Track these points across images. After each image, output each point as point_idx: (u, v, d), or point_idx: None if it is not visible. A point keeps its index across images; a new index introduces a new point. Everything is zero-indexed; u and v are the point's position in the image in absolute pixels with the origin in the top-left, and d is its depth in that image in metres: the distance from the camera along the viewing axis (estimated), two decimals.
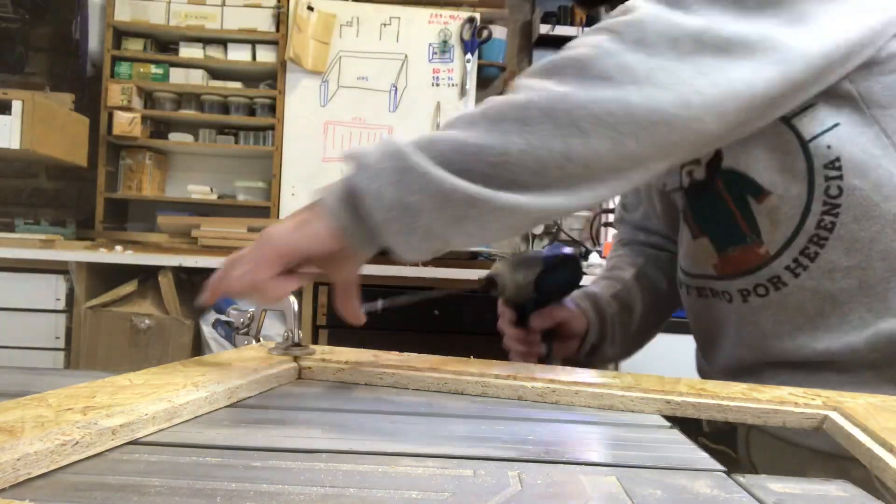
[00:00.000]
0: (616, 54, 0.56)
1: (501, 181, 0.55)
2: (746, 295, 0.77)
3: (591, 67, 0.56)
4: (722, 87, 0.57)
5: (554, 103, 0.55)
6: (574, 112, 0.55)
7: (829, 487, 0.41)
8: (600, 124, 0.55)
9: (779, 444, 0.77)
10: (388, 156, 0.56)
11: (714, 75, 0.56)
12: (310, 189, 2.67)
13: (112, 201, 2.73)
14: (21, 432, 0.39)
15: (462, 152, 0.55)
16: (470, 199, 0.55)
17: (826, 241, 0.70)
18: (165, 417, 0.48)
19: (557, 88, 0.56)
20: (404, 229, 0.55)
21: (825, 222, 0.70)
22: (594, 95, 0.55)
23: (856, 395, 0.62)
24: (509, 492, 0.38)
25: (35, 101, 2.25)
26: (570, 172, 0.56)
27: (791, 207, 0.71)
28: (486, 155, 0.55)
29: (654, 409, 0.60)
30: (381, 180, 0.55)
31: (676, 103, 0.56)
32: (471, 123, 0.56)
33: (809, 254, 0.71)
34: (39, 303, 2.18)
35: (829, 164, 0.68)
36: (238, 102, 2.74)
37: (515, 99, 0.57)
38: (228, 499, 0.35)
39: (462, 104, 2.68)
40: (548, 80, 0.57)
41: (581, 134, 0.55)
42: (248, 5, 2.70)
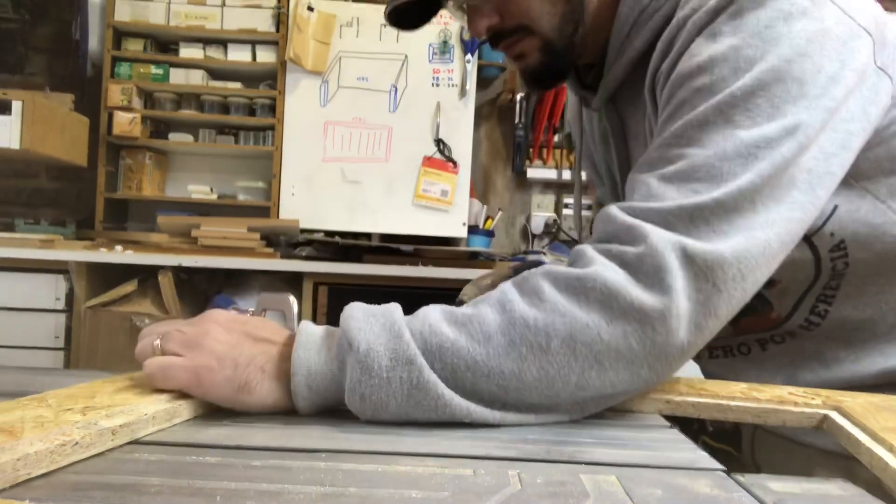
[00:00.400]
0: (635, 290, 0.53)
1: (509, 401, 0.54)
2: (764, 343, 0.79)
3: (616, 299, 0.53)
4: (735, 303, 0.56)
5: (575, 333, 0.53)
6: (595, 346, 0.53)
7: (830, 487, 0.41)
8: (620, 359, 0.53)
9: (784, 443, 0.78)
10: (401, 363, 0.52)
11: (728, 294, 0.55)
12: (310, 189, 2.64)
13: (112, 201, 2.73)
14: (21, 432, 0.39)
15: (474, 371, 0.52)
16: (480, 422, 0.54)
17: (833, 298, 0.72)
18: (165, 417, 0.48)
19: (581, 316, 0.53)
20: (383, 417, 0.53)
21: (831, 285, 0.72)
22: (618, 331, 0.53)
23: (855, 395, 0.62)
24: (509, 491, 0.38)
25: (35, 101, 2.25)
26: (581, 398, 0.55)
27: (799, 284, 0.72)
28: (499, 378, 0.53)
29: (654, 409, 0.60)
30: (389, 390, 0.52)
31: (690, 329, 0.54)
32: (487, 337, 0.53)
33: (819, 312, 0.73)
34: (39, 302, 2.18)
35: (833, 248, 0.69)
36: (238, 103, 2.74)
37: (536, 319, 0.53)
38: (228, 498, 0.35)
39: (462, 104, 2.68)
40: (572, 302, 0.54)
41: (599, 367, 0.53)
42: (248, 6, 2.70)
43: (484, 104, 2.97)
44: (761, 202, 0.56)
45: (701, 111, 0.60)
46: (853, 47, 0.61)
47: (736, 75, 0.59)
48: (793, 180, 0.58)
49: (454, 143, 2.68)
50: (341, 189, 2.67)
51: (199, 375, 0.52)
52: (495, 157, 3.02)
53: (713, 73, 0.60)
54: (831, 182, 0.60)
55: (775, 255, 0.57)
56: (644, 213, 0.57)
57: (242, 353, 0.54)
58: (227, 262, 2.24)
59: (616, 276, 0.54)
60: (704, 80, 0.61)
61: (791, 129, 0.57)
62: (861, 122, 0.62)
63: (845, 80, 0.60)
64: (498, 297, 0.56)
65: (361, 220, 2.67)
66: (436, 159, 2.67)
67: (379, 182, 2.68)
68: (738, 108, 0.58)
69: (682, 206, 0.56)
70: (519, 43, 0.75)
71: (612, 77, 0.77)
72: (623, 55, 0.74)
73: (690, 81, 0.62)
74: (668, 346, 0.53)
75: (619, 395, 0.56)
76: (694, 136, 0.59)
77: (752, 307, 0.75)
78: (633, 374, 0.54)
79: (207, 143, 2.75)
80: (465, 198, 2.68)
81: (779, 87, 0.58)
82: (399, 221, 2.67)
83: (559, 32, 0.74)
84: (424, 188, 2.67)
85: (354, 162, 2.68)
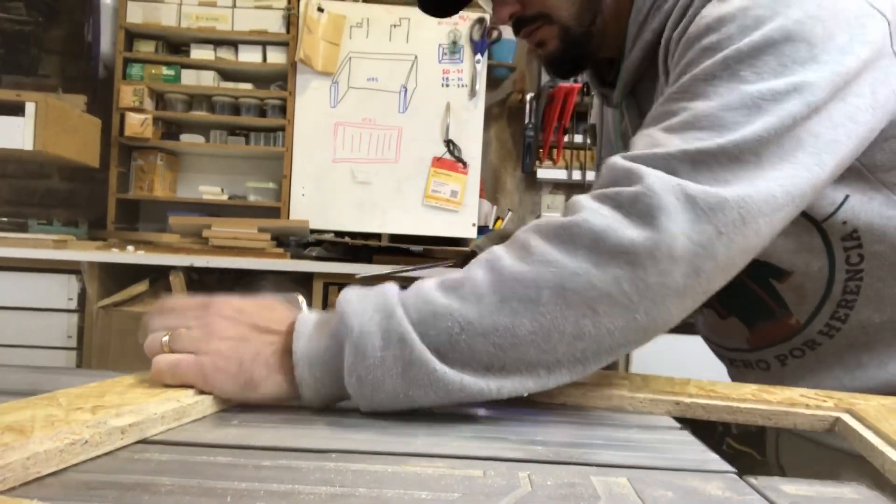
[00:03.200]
0: (623, 230, 0.52)
1: (507, 362, 0.53)
2: (784, 359, 0.78)
3: (603, 242, 0.52)
4: (735, 248, 0.54)
5: (565, 282, 0.52)
6: (586, 293, 0.52)
7: (843, 490, 0.40)
8: (614, 304, 0.52)
9: (809, 445, 0.77)
10: (393, 342, 0.52)
11: (728, 238, 0.54)
12: (320, 189, 2.65)
13: (124, 202, 2.75)
14: (31, 431, 0.39)
15: (469, 332, 0.52)
16: (476, 394, 0.53)
17: (854, 302, 0.71)
18: (175, 417, 0.48)
19: (569, 263, 0.52)
20: (389, 406, 0.53)
21: (850, 287, 0.71)
22: (608, 275, 0.52)
23: (868, 397, 0.61)
24: (519, 493, 0.37)
25: (48, 102, 2.27)
26: (580, 351, 0.53)
27: (815, 281, 0.71)
28: (494, 336, 0.52)
29: (664, 411, 0.60)
30: (384, 369, 0.52)
31: (688, 272, 0.53)
32: (478, 297, 0.53)
33: (840, 317, 0.72)
34: (52, 302, 2.20)
35: (846, 237, 0.69)
36: (249, 103, 2.75)
37: (525, 273, 0.53)
38: (239, 498, 0.35)
39: (472, 105, 2.67)
40: (559, 251, 0.53)
41: (593, 314, 0.52)
42: (259, 7, 2.71)
43: (494, 104, 2.96)
44: (766, 158, 0.55)
45: (707, 65, 0.59)
46: (865, 24, 0.60)
47: (743, 33, 0.59)
48: (800, 142, 0.56)
49: (464, 144, 2.68)
50: (351, 189, 2.67)
51: (206, 373, 0.53)
52: (505, 157, 3.01)
53: (720, 31, 0.60)
54: (836, 150, 0.58)
55: (780, 206, 0.55)
56: (645, 158, 0.56)
57: (248, 350, 0.55)
58: (238, 263, 2.24)
59: (604, 219, 0.53)
60: (711, 38, 0.61)
61: (799, 88, 0.56)
62: (869, 99, 0.60)
63: (856, 53, 0.59)
64: (487, 258, 0.55)
65: (371, 220, 2.67)
66: (445, 160, 2.68)
67: (389, 182, 2.68)
68: (745, 63, 0.58)
69: (685, 151, 0.55)
70: (539, 30, 0.77)
71: (629, 63, 0.77)
72: (640, 39, 0.75)
73: (698, 42, 0.62)
74: (663, 287, 0.52)
75: (619, 346, 0.54)
76: (698, 91, 0.59)
77: (770, 312, 0.75)
78: (629, 321, 0.53)
79: (218, 144, 2.76)
80: (474, 198, 2.68)
81: (788, 47, 0.58)
82: (409, 222, 2.67)
83: (577, 21, 0.76)
84: (434, 189, 2.67)
85: (364, 162, 2.68)
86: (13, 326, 2.17)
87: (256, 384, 0.54)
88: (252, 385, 0.54)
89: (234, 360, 0.54)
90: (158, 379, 0.54)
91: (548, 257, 0.53)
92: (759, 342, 0.78)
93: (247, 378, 0.54)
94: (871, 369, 0.72)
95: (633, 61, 0.77)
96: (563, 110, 2.81)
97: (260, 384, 0.54)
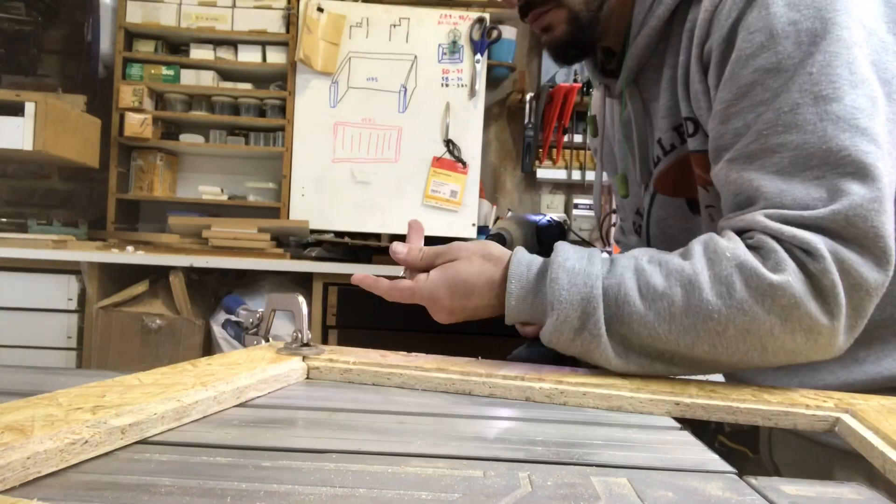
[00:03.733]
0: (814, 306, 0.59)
1: (674, 361, 0.63)
2: None
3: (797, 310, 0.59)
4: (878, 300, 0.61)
5: (752, 328, 0.59)
6: (765, 339, 0.60)
7: (844, 490, 0.40)
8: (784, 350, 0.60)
9: (803, 443, 0.77)
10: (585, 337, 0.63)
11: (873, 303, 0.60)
12: (319, 189, 2.64)
13: (123, 202, 2.75)
14: (31, 431, 0.39)
15: (654, 340, 0.62)
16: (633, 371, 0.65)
17: None
18: (174, 417, 0.48)
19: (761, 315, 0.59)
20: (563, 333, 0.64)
21: None
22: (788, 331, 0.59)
23: (868, 397, 0.61)
24: (520, 493, 0.37)
25: (48, 102, 2.26)
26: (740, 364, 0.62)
27: None
28: (672, 347, 0.62)
29: (664, 411, 0.60)
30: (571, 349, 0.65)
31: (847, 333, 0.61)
32: (672, 317, 0.61)
33: None
34: (52, 303, 2.20)
35: None
36: (248, 104, 2.75)
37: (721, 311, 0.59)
38: (239, 499, 0.35)
39: (471, 105, 2.67)
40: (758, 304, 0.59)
41: (762, 351, 0.60)
42: (259, 7, 2.71)
43: (493, 104, 2.96)
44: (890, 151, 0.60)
45: (786, 97, 0.62)
46: None
47: (802, 50, 0.61)
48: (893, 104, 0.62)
49: (463, 144, 2.68)
50: (351, 190, 2.67)
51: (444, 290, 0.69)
52: (505, 157, 3.01)
53: (776, 50, 0.62)
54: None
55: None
56: (799, 220, 0.60)
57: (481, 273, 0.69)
58: (238, 263, 2.24)
59: (803, 288, 0.59)
60: (770, 58, 0.63)
61: (874, 87, 0.61)
62: None
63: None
64: (689, 277, 0.61)
65: (371, 220, 2.67)
66: (445, 160, 2.67)
67: (388, 183, 2.68)
68: (822, 84, 0.60)
69: (836, 213, 0.59)
70: (547, 14, 0.79)
71: (634, 51, 0.78)
72: (646, 26, 0.76)
73: (754, 60, 0.64)
74: (829, 347, 0.61)
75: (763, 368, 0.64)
76: (789, 122, 0.61)
77: None
78: (791, 360, 0.61)
79: (218, 144, 2.76)
80: (474, 198, 2.68)
81: (847, 54, 0.60)
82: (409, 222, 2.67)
83: (586, 6, 0.78)
84: (434, 189, 2.67)
85: (364, 162, 2.68)
86: (13, 327, 2.17)
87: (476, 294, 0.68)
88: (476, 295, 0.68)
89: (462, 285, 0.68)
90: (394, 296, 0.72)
91: (745, 307, 0.59)
92: None
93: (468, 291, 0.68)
94: (868, 365, 0.72)
95: (638, 49, 0.78)
96: (562, 110, 2.81)
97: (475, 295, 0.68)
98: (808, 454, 0.76)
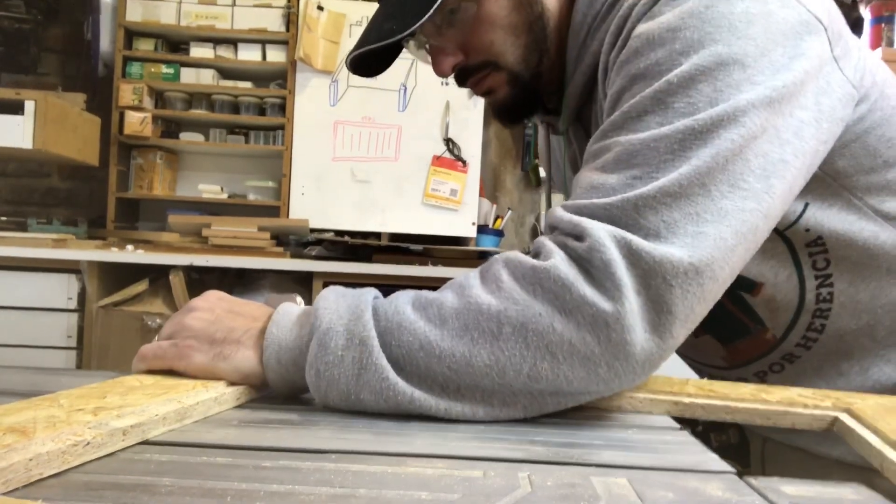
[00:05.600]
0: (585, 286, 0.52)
1: (462, 387, 0.53)
2: (763, 375, 0.77)
3: (569, 293, 0.52)
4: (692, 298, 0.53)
5: (528, 322, 0.52)
6: (547, 337, 0.52)
7: (844, 491, 0.41)
8: (575, 353, 0.52)
9: (798, 454, 0.76)
10: (355, 344, 0.53)
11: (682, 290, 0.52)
12: (319, 188, 2.64)
13: (123, 201, 2.75)
14: (33, 432, 0.39)
15: (427, 352, 0.53)
16: (424, 410, 0.53)
17: (829, 311, 0.70)
18: (176, 418, 0.48)
19: (534, 305, 0.52)
20: (342, 405, 0.55)
21: (823, 295, 0.70)
22: (572, 324, 0.51)
23: (866, 396, 0.61)
24: (519, 493, 0.38)
25: (47, 101, 2.26)
26: (536, 391, 0.53)
27: (786, 292, 0.70)
28: (450, 360, 0.52)
29: (663, 410, 0.60)
30: (342, 368, 0.53)
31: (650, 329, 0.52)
32: (443, 320, 0.53)
33: (816, 327, 0.71)
34: (51, 302, 2.20)
35: (811, 243, 0.68)
36: (248, 102, 2.75)
37: (490, 305, 0.53)
38: (239, 499, 0.35)
39: (471, 103, 2.67)
40: (527, 292, 0.53)
41: (552, 359, 0.52)
42: (259, 5, 2.71)
43: None
44: (715, 187, 0.54)
45: (637, 101, 0.57)
46: (801, 34, 0.58)
47: (673, 60, 0.57)
48: (747, 164, 0.55)
49: (463, 143, 2.68)
50: (351, 188, 2.67)
51: (181, 351, 0.57)
52: (505, 156, 3.01)
53: (648, 56, 0.58)
54: (785, 172, 0.56)
55: (732, 247, 0.54)
56: (588, 209, 0.55)
57: (220, 329, 0.58)
58: (238, 262, 2.24)
59: (570, 270, 0.52)
60: (639, 64, 0.59)
61: (737, 112, 0.54)
62: (813, 112, 0.59)
63: (794, 67, 0.57)
64: (461, 282, 0.56)
65: (371, 219, 2.67)
66: (445, 158, 2.67)
67: (388, 181, 2.68)
68: (677, 96, 0.56)
69: (626, 199, 0.54)
70: (486, 79, 0.73)
71: (573, 88, 0.74)
72: (581, 63, 0.72)
73: (628, 66, 0.60)
74: (626, 344, 0.51)
75: (580, 394, 0.54)
76: (630, 126, 0.57)
77: (745, 328, 0.74)
78: (591, 372, 0.52)
79: (218, 143, 2.76)
80: (474, 197, 2.68)
81: (720, 72, 0.55)
82: (408, 221, 2.67)
83: (525, 64, 0.72)
84: (434, 187, 2.67)
85: (364, 161, 2.68)
86: (13, 326, 2.17)
87: (226, 356, 0.57)
88: (222, 356, 0.57)
89: (206, 336, 0.58)
90: (142, 367, 0.59)
91: (514, 295, 0.53)
92: (736, 359, 0.77)
93: (216, 352, 0.57)
94: (853, 376, 0.71)
95: (577, 87, 0.74)
96: None
97: (230, 357, 0.57)
98: (804, 466, 0.75)
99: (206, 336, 0.58)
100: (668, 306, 0.52)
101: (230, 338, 0.57)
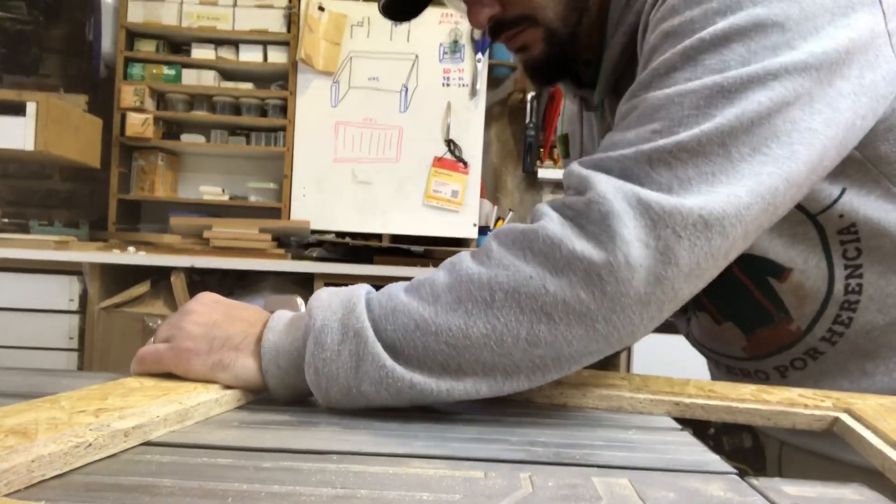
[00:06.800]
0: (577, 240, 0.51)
1: (463, 363, 0.52)
2: (784, 370, 0.74)
3: (559, 250, 0.51)
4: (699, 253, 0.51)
5: (519, 286, 0.51)
6: (541, 298, 0.50)
7: (845, 491, 0.41)
8: (570, 312, 0.50)
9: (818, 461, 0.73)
10: (350, 336, 0.53)
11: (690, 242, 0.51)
12: (320, 189, 2.65)
13: (125, 202, 2.75)
14: (35, 434, 0.39)
15: (423, 330, 0.52)
16: (427, 395, 0.53)
17: (857, 304, 0.68)
18: (177, 419, 0.48)
19: (524, 268, 0.51)
20: (345, 401, 0.54)
21: (852, 286, 0.67)
22: (564, 282, 0.50)
23: (866, 397, 0.61)
24: (520, 494, 0.38)
25: (49, 102, 2.27)
26: (537, 357, 0.52)
27: (815, 279, 0.68)
28: (447, 336, 0.51)
29: (664, 411, 0.60)
30: (339, 362, 0.53)
31: (648, 280, 0.50)
32: (436, 297, 0.53)
33: (843, 320, 0.69)
34: (53, 303, 2.20)
35: (843, 230, 0.66)
36: (250, 103, 2.75)
37: (481, 274, 0.52)
38: (240, 499, 0.35)
39: (472, 104, 2.68)
40: (515, 256, 0.52)
41: (548, 320, 0.51)
42: (260, 6, 2.71)
43: (494, 104, 2.96)
44: (736, 149, 0.52)
45: (667, 57, 0.56)
46: (852, 2, 0.56)
47: (708, 19, 0.55)
48: (774, 130, 0.52)
49: (465, 144, 2.68)
50: (352, 190, 2.68)
51: (179, 356, 0.56)
52: (506, 157, 3.01)
53: (683, 14, 0.56)
54: (813, 139, 0.54)
55: (746, 205, 0.52)
56: (600, 162, 0.54)
57: (218, 335, 0.57)
58: (239, 264, 2.25)
59: (561, 227, 0.51)
60: (674, 21, 0.57)
61: (770, 75, 0.52)
62: (853, 84, 0.56)
63: (838, 34, 0.54)
64: (452, 260, 0.56)
65: (372, 220, 2.68)
66: (446, 160, 2.68)
67: (389, 183, 2.68)
68: (708, 53, 0.54)
69: (640, 151, 0.52)
70: (521, 34, 0.71)
71: (610, 56, 0.72)
72: (618, 33, 0.70)
73: (662, 24, 0.59)
74: (622, 296, 0.50)
75: (581, 355, 0.53)
76: (658, 83, 0.56)
77: (768, 316, 0.71)
78: (588, 329, 0.51)
79: (219, 144, 2.77)
80: (475, 198, 2.68)
81: (757, 33, 0.53)
82: (409, 222, 2.67)
83: (563, 22, 0.70)
84: (435, 189, 2.67)
85: (365, 162, 2.69)
86: (14, 328, 2.17)
87: (226, 365, 0.56)
88: (221, 366, 0.56)
89: (205, 341, 0.57)
90: (140, 370, 0.59)
91: (504, 261, 0.52)
92: (756, 350, 0.75)
93: (215, 360, 0.56)
94: (878, 377, 0.69)
95: (613, 57, 0.72)
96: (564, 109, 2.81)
97: (229, 366, 0.56)
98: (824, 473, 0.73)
99: (204, 341, 0.57)
100: (676, 258, 0.50)
101: (229, 344, 0.57)
